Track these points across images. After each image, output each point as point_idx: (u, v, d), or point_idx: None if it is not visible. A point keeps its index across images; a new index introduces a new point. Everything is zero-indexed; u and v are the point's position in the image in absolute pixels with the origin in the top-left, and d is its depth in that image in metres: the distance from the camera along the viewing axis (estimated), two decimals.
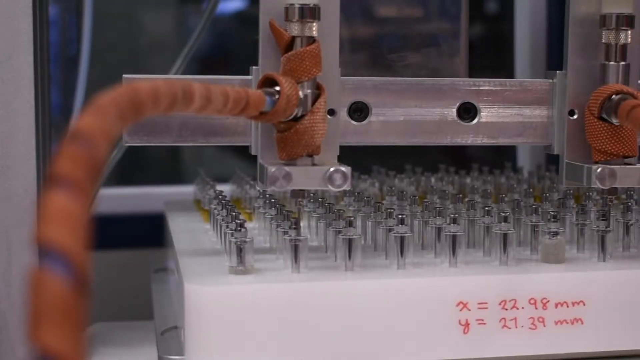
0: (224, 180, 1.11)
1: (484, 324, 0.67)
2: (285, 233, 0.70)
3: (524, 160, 1.42)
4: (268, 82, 0.66)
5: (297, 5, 0.66)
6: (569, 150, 0.74)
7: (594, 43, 0.73)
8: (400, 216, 0.71)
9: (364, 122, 0.73)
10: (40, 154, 0.82)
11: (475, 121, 0.75)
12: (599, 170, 0.70)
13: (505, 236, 0.71)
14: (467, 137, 0.75)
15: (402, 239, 0.69)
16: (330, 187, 0.66)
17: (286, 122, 0.66)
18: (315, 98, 0.67)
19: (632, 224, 0.76)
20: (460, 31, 0.80)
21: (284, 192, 0.87)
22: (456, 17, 0.79)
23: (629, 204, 0.78)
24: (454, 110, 0.74)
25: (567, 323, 0.68)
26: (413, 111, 0.74)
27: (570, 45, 0.74)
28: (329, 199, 0.86)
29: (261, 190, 0.86)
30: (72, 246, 0.29)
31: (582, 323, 0.69)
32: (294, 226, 0.69)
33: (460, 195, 0.83)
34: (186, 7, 2.41)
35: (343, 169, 0.66)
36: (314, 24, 0.67)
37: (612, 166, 0.70)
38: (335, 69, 0.70)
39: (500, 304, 0.67)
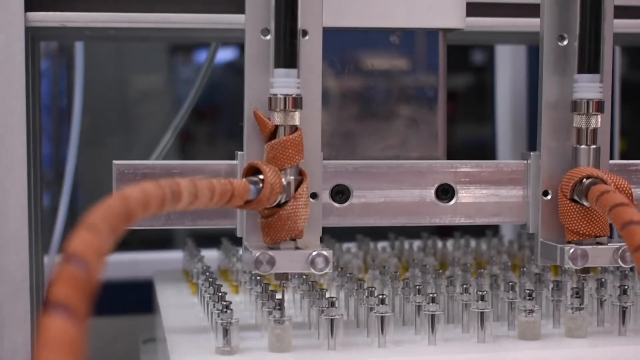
0: (215, 238, 1.12)
1: None
2: (270, 313, 0.72)
3: (507, 226, 1.45)
4: (252, 170, 0.68)
5: (280, 96, 0.69)
6: (544, 230, 0.77)
7: (566, 126, 0.76)
8: (381, 296, 0.73)
9: (346, 204, 0.76)
10: (33, 231, 0.84)
11: (452, 202, 0.77)
12: (571, 251, 0.73)
13: (482, 314, 0.73)
14: (446, 217, 0.77)
15: (382, 318, 0.72)
16: (313, 271, 0.69)
17: (270, 209, 0.69)
18: (298, 184, 0.70)
19: (605, 300, 0.79)
20: (438, 109, 0.83)
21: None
22: (434, 97, 0.82)
23: (603, 279, 0.81)
24: (432, 191, 0.77)
25: None
26: (392, 193, 0.76)
27: (543, 128, 0.77)
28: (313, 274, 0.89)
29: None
30: None
31: None
32: (277, 307, 0.71)
33: (441, 271, 0.85)
34: (175, 58, 2.44)
35: (325, 253, 0.69)
36: (297, 113, 0.70)
37: (584, 247, 0.73)
38: (317, 154, 0.73)
39: None
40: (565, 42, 0.76)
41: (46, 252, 1.17)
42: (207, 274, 0.85)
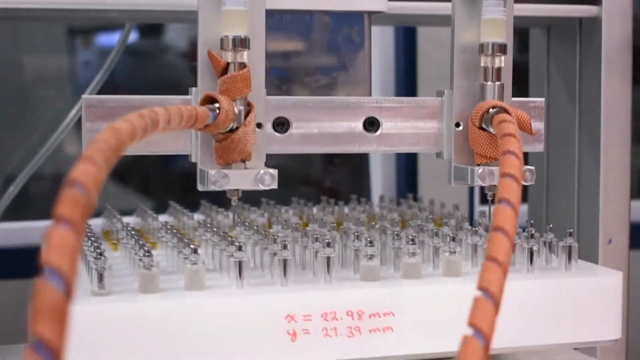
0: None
1: (309, 333, 0.81)
2: (140, 260, 0.82)
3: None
4: (208, 100, 0.79)
5: (230, 37, 0.80)
6: (456, 156, 0.89)
7: (475, 66, 0.88)
8: (283, 242, 0.84)
9: (286, 134, 0.87)
10: None
11: (378, 133, 0.89)
12: (480, 171, 0.85)
13: (372, 257, 0.86)
14: (372, 145, 0.89)
15: (285, 261, 0.83)
16: (261, 186, 0.80)
17: (223, 133, 0.79)
18: (247, 113, 0.80)
19: (480, 246, 0.92)
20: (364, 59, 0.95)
21: (182, 224, 1.07)
22: (361, 46, 0.94)
23: (477, 229, 0.94)
24: (360, 123, 0.89)
25: (380, 331, 0.83)
26: (326, 125, 0.88)
27: (455, 68, 0.89)
28: (224, 228, 1.01)
29: (163, 223, 1.01)
30: (66, 267, 0.41)
31: (392, 330, 0.83)
32: (147, 254, 0.81)
33: (335, 224, 0.98)
34: (75, 40, 2.39)
35: (271, 171, 0.80)
36: (245, 52, 0.80)
37: (491, 167, 0.85)
38: (261, 90, 0.83)
39: (322, 315, 0.81)
40: None
41: None
42: (90, 234, 0.95)
